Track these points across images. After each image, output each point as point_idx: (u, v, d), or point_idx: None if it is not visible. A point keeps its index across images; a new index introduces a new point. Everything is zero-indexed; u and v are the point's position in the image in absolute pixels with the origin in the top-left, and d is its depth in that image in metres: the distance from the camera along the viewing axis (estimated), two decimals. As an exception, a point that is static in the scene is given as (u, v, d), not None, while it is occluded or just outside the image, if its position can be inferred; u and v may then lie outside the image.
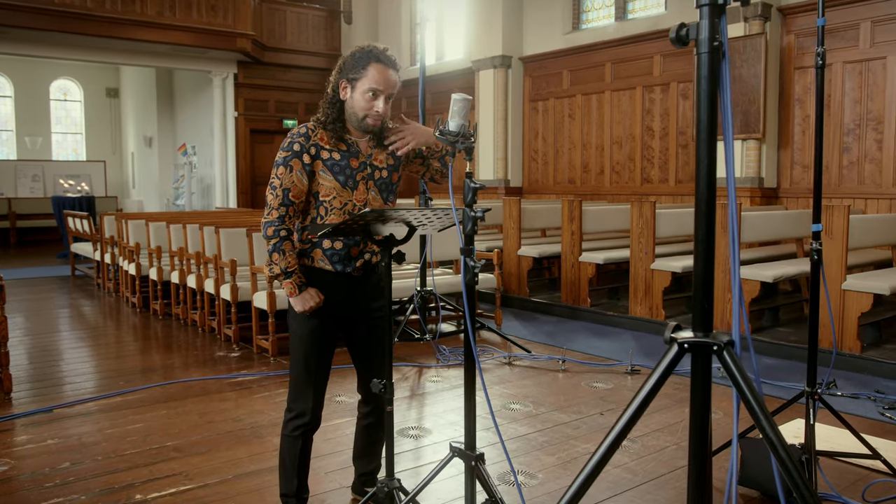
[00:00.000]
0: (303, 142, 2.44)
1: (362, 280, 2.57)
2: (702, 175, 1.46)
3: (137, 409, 4.23)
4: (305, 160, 2.42)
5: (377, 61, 2.42)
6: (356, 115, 2.44)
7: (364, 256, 2.53)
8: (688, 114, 8.88)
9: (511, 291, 7.59)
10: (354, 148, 2.49)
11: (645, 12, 9.69)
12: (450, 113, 2.07)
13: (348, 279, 2.54)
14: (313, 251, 2.51)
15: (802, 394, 2.95)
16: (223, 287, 5.81)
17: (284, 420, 2.60)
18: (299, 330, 2.56)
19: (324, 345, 2.57)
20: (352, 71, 2.43)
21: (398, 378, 4.88)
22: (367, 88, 2.41)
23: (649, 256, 6.30)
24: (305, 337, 2.54)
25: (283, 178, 2.40)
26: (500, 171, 11.15)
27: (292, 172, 2.41)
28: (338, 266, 2.51)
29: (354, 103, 2.44)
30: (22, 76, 17.27)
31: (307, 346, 2.54)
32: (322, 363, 2.58)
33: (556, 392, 4.56)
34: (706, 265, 1.47)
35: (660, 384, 1.51)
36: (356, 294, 2.57)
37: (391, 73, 2.43)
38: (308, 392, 2.56)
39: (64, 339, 6.18)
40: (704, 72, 1.44)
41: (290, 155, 2.43)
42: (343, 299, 2.55)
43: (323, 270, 2.51)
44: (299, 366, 2.57)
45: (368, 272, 2.58)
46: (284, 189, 2.41)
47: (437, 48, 12.93)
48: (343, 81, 2.46)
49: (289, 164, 2.42)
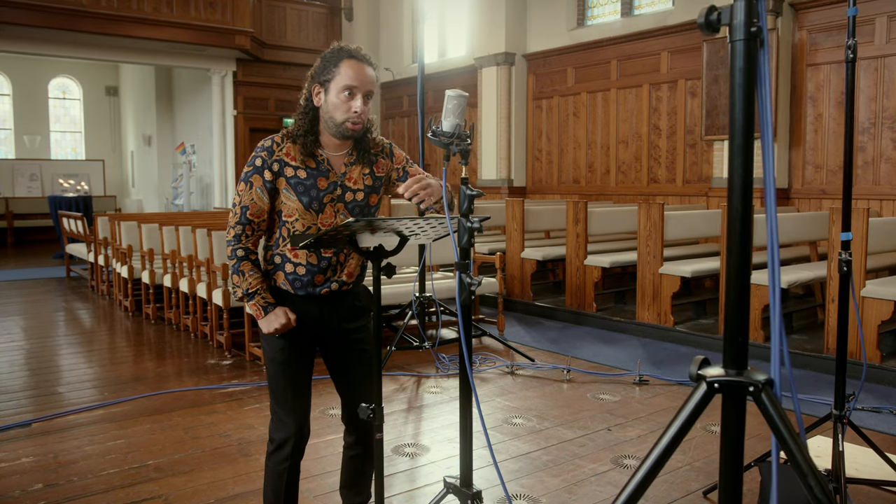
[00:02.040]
0: (265, 157, 2.23)
1: (332, 299, 2.36)
2: (735, 187, 1.23)
3: (121, 423, 4.02)
4: (267, 177, 2.22)
5: (349, 57, 2.22)
6: (333, 119, 2.22)
7: (330, 286, 2.31)
8: (696, 112, 8.64)
9: (514, 295, 7.37)
10: (325, 166, 2.27)
11: (652, 8, 9.45)
12: (443, 111, 1.85)
13: (316, 298, 2.33)
14: (276, 274, 2.31)
15: (829, 416, 2.72)
16: (215, 292, 5.60)
17: (267, 451, 2.38)
18: (270, 351, 2.35)
19: (297, 366, 2.36)
20: (323, 73, 2.23)
21: (394, 389, 4.66)
22: (342, 87, 2.19)
23: (657, 260, 6.07)
24: (277, 358, 2.33)
25: (242, 195, 2.21)
26: (504, 171, 10.93)
27: (252, 189, 2.21)
28: (300, 292, 2.31)
29: (330, 107, 2.22)
30: (20, 74, 17.08)
31: (279, 368, 2.33)
32: (298, 386, 2.37)
33: (560, 405, 4.34)
34: (740, 291, 1.25)
35: (685, 429, 1.29)
36: (325, 313, 2.36)
37: (366, 69, 2.22)
38: (288, 419, 2.34)
39: (50, 346, 5.98)
40: (740, 63, 1.22)
41: (252, 171, 2.23)
42: (311, 320, 2.35)
43: (287, 292, 2.32)
44: (277, 390, 2.36)
45: (340, 295, 2.37)
46: (243, 207, 2.22)
47: (440, 45, 12.70)
48: (315, 86, 2.25)
49: (249, 181, 2.22)
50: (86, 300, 8.28)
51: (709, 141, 8.23)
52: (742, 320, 1.25)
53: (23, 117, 17.36)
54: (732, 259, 1.25)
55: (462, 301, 1.80)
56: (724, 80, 7.83)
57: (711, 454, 3.47)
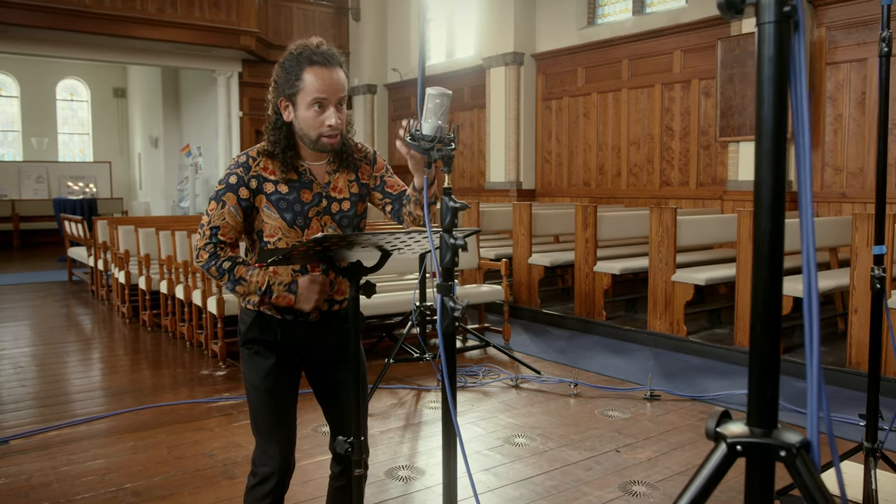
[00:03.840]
0: (241, 173, 2.01)
1: (321, 321, 2.14)
2: (764, 202, 1.01)
3: (102, 441, 3.82)
4: (243, 194, 2.00)
5: (311, 64, 1.96)
6: (308, 136, 2.00)
7: (319, 308, 2.10)
8: (710, 113, 8.36)
9: (521, 302, 7.13)
10: (307, 177, 2.05)
11: (664, 6, 9.19)
12: (423, 111, 1.62)
13: (303, 323, 2.12)
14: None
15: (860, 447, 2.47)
16: (210, 299, 5.40)
17: (248, 483, 2.16)
18: (253, 378, 2.12)
19: (283, 393, 2.14)
20: (287, 85, 1.99)
21: (392, 403, 4.44)
22: (310, 101, 1.96)
23: (670, 267, 5.82)
24: (260, 385, 2.11)
25: (212, 214, 1.98)
26: (512, 173, 10.68)
27: (224, 208, 1.99)
28: (287, 315, 2.09)
29: (302, 123, 1.99)
30: (28, 76, 17.00)
31: (262, 396, 2.11)
32: (283, 414, 2.15)
33: (566, 422, 4.10)
34: (768, 333, 1.02)
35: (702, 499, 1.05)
36: (314, 337, 2.14)
37: (333, 74, 1.97)
38: (272, 451, 2.12)
39: (41, 355, 5.80)
40: (769, 51, 0.99)
41: (224, 189, 2.01)
42: (298, 345, 2.13)
43: (272, 316, 2.10)
44: (259, 419, 2.14)
45: (330, 317, 2.15)
46: (213, 227, 2.00)
47: (448, 45, 12.48)
48: (282, 100, 2.02)
49: (221, 199, 2.00)
50: (85, 305, 8.12)
51: (723, 142, 7.97)
52: (771, 369, 1.02)
53: (31, 119, 17.28)
54: (760, 292, 1.02)
55: (444, 328, 1.57)
56: (739, 79, 7.56)
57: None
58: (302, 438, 3.61)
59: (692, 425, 4.03)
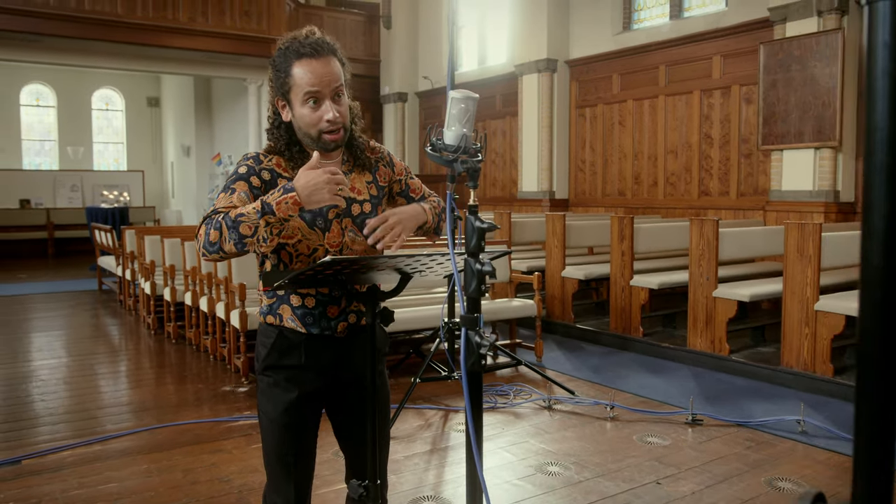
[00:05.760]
0: (252, 164, 1.84)
1: (349, 337, 1.94)
2: (875, 229, 0.78)
3: (116, 462, 3.67)
4: (255, 183, 1.81)
5: (299, 57, 1.79)
6: (309, 135, 1.83)
7: (347, 318, 1.89)
8: (751, 120, 8.04)
9: (554, 316, 6.88)
10: None
11: (702, 10, 8.89)
12: (447, 117, 1.41)
13: (330, 340, 1.91)
14: (280, 308, 1.89)
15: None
16: (233, 312, 5.25)
17: None
18: (270, 410, 1.92)
19: (304, 427, 1.94)
20: (279, 84, 1.83)
21: (419, 425, 4.23)
22: (303, 97, 1.79)
23: (711, 282, 5.53)
24: (279, 419, 1.90)
25: (217, 203, 1.78)
26: (545, 183, 10.44)
27: (233, 195, 1.78)
28: (312, 329, 1.88)
29: (300, 121, 1.82)
30: (65, 86, 17.22)
31: (280, 431, 1.91)
32: (303, 452, 1.95)
33: (603, 449, 3.85)
34: (885, 407, 0.78)
35: None
36: (340, 356, 1.93)
37: (324, 64, 1.79)
38: (287, 487, 1.93)
39: (63, 367, 5.70)
40: (883, 35, 0.76)
41: (235, 178, 1.82)
42: (324, 365, 1.92)
43: (295, 331, 1.89)
44: (272, 455, 1.94)
45: (358, 331, 1.94)
46: (215, 210, 1.78)
47: (479, 52, 12.30)
48: (278, 100, 1.86)
49: (230, 188, 1.80)
50: (113, 315, 8.06)
51: (766, 151, 7.64)
52: (885, 458, 0.78)
53: (67, 128, 17.50)
54: (870, 348, 0.79)
55: (469, 367, 1.36)
56: (783, 84, 7.24)
57: (781, 519, 2.97)
58: (321, 464, 3.42)
59: (739, 454, 3.76)
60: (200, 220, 1.77)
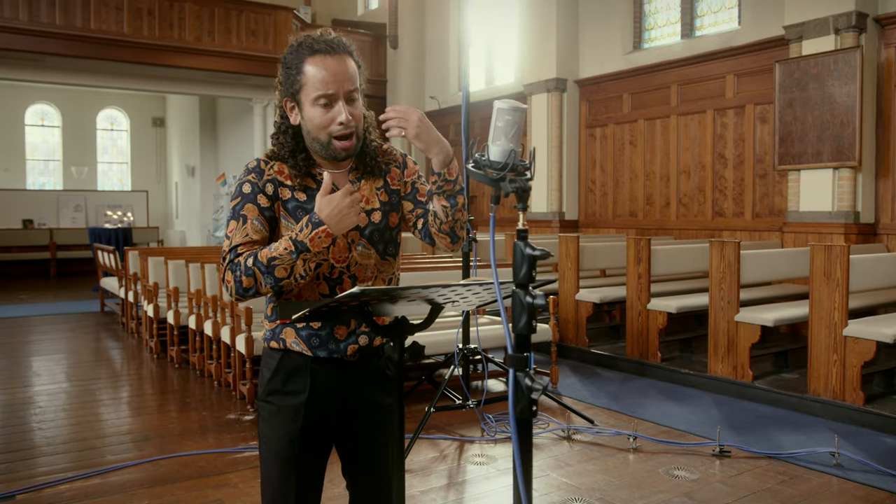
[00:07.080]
0: (254, 179, 1.68)
1: (359, 361, 1.77)
2: None
3: (116, 498, 3.48)
4: (262, 202, 1.68)
5: (312, 53, 1.65)
6: (319, 140, 1.68)
7: (358, 340, 1.73)
8: (766, 140, 7.89)
9: (568, 341, 6.69)
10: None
11: (715, 28, 8.78)
12: (491, 131, 1.25)
13: (339, 364, 1.74)
14: (283, 332, 1.74)
15: None
16: (238, 337, 5.08)
17: None
18: (273, 442, 1.76)
19: (309, 463, 1.78)
20: (289, 83, 1.68)
21: (433, 457, 4.03)
22: (314, 97, 1.64)
23: (733, 307, 5.34)
24: (282, 452, 1.74)
25: (233, 235, 1.62)
26: (555, 204, 10.28)
27: (246, 224, 1.64)
28: (319, 352, 1.72)
29: (309, 125, 1.68)
30: (70, 106, 17.18)
31: (283, 466, 1.75)
32: (307, 491, 1.78)
33: (628, 483, 3.65)
34: None
35: None
36: (349, 382, 1.77)
37: (340, 62, 1.65)
38: None
39: (63, 393, 5.52)
40: None
41: (241, 201, 1.68)
42: (333, 392, 1.76)
43: (301, 354, 1.73)
44: (272, 487, 1.78)
45: (370, 354, 1.78)
46: (234, 249, 1.65)
47: (487, 71, 12.22)
48: (287, 101, 1.71)
49: (240, 215, 1.66)
50: (114, 338, 7.88)
51: (783, 171, 7.48)
52: None
53: (71, 148, 17.44)
54: None
55: (518, 414, 1.19)
56: (799, 103, 7.10)
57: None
58: (329, 500, 3.23)
59: (771, 490, 3.56)
60: (222, 259, 1.65)
